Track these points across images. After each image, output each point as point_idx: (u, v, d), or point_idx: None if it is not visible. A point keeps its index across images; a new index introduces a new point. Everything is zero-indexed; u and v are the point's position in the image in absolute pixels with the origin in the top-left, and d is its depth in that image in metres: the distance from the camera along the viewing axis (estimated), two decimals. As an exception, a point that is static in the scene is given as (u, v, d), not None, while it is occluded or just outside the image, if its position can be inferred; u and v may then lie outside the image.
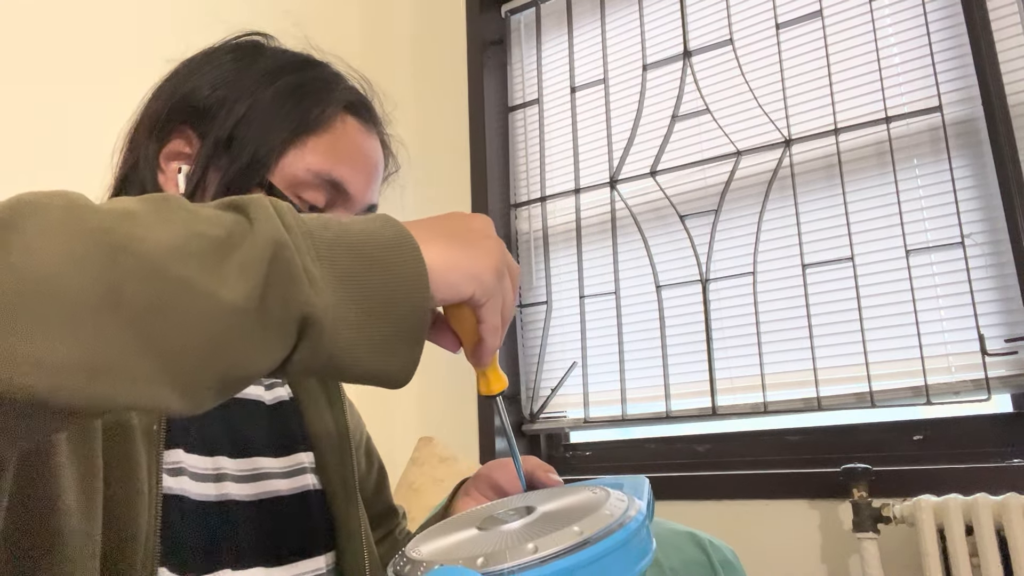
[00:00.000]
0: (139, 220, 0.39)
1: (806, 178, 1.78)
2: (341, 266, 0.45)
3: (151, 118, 0.71)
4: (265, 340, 0.41)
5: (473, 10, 2.31)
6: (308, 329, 0.43)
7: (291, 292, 0.42)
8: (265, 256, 0.41)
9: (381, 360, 0.47)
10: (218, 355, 0.40)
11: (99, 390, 0.36)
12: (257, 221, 0.42)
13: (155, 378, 0.38)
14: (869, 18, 1.74)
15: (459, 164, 2.24)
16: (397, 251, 0.47)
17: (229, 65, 0.71)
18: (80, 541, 0.53)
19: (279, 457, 0.73)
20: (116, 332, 0.36)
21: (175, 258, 0.39)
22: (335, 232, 0.46)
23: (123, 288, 0.37)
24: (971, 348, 1.53)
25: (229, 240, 0.41)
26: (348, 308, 0.44)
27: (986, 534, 1.33)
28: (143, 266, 0.38)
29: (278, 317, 0.41)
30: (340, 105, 0.71)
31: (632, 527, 0.47)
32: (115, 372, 0.36)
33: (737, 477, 1.70)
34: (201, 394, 0.40)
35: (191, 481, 0.64)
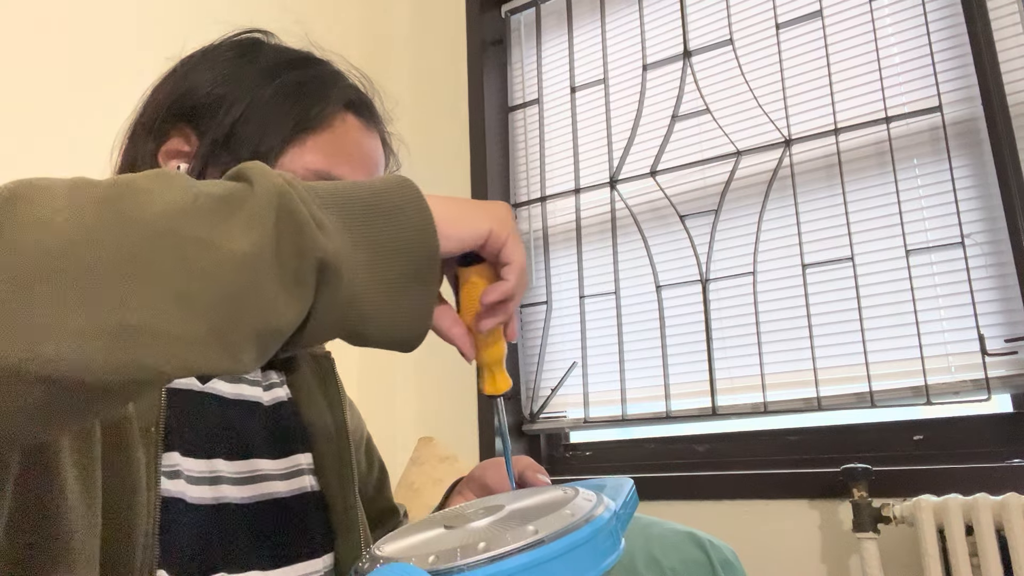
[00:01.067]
0: (142, 188, 0.40)
1: (806, 178, 1.78)
2: (347, 213, 0.45)
3: (150, 116, 0.70)
4: (286, 289, 0.41)
5: (473, 10, 2.31)
6: (326, 273, 0.43)
7: (302, 239, 0.42)
8: (271, 206, 0.42)
9: (395, 304, 0.47)
10: (246, 307, 0.40)
11: (136, 355, 0.36)
12: (257, 181, 0.43)
13: (192, 336, 0.38)
14: (869, 18, 1.74)
15: (459, 164, 2.24)
16: (398, 194, 0.48)
17: (228, 63, 0.70)
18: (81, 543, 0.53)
19: (277, 459, 0.73)
20: (144, 295, 0.37)
21: (182, 218, 0.39)
22: (335, 185, 0.47)
23: (140, 252, 0.37)
24: (971, 348, 1.53)
25: (232, 196, 0.42)
26: (360, 251, 0.45)
27: (986, 534, 1.33)
28: (152, 229, 0.38)
29: (294, 265, 0.42)
30: (340, 103, 0.71)
31: (590, 528, 0.46)
32: (151, 334, 0.36)
33: (737, 477, 1.70)
34: (240, 350, 0.40)
35: (187, 484, 0.64)
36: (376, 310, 0.46)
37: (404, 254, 0.47)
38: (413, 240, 0.47)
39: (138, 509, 0.57)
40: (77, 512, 0.52)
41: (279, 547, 0.68)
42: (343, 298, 0.44)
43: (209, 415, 0.68)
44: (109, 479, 0.56)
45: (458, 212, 0.51)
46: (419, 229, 0.47)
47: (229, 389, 0.72)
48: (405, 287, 0.47)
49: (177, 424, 0.64)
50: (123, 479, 0.56)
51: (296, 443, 0.75)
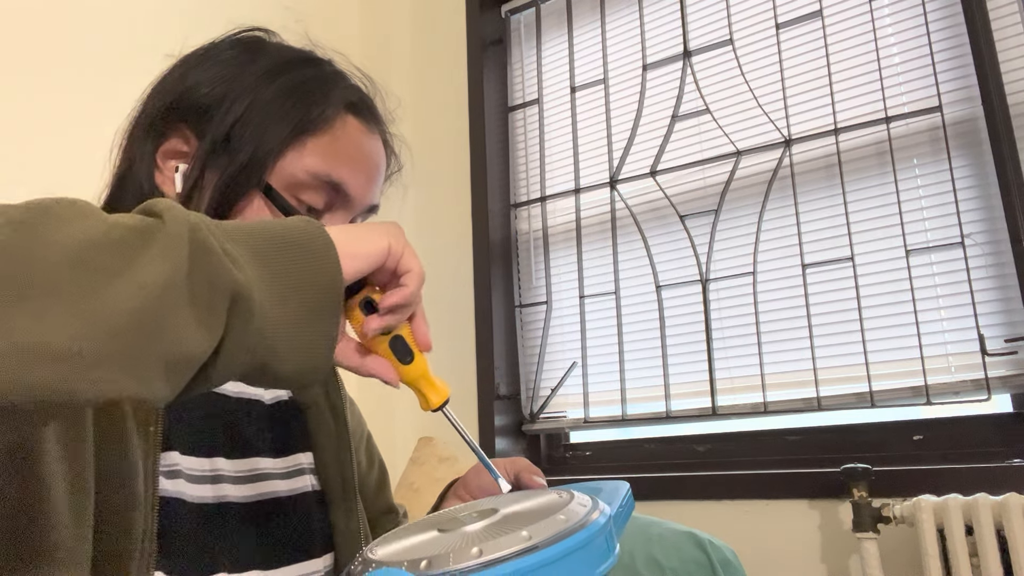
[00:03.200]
0: (58, 215, 0.40)
1: (806, 178, 1.77)
2: (256, 247, 0.47)
3: (148, 116, 0.70)
4: (198, 319, 0.42)
5: (473, 10, 2.30)
6: (237, 305, 0.44)
7: (215, 269, 0.43)
8: (183, 238, 0.43)
9: (301, 335, 0.48)
10: (155, 335, 0.40)
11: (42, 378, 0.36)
12: (167, 216, 0.44)
13: (99, 362, 0.38)
14: (869, 18, 1.74)
15: (459, 164, 2.24)
16: (304, 230, 0.49)
17: (228, 62, 0.70)
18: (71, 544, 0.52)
19: (278, 457, 0.73)
20: (54, 320, 0.37)
21: (96, 248, 0.40)
22: (242, 223, 0.48)
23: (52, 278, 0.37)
24: (971, 348, 1.53)
25: (146, 230, 0.42)
26: (270, 284, 0.46)
27: (986, 534, 1.33)
28: (68, 256, 0.38)
29: (206, 295, 0.42)
30: (341, 105, 0.70)
31: (584, 534, 0.45)
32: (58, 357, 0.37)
33: (737, 477, 1.70)
34: (150, 377, 0.40)
35: (187, 483, 0.63)
36: (285, 341, 0.47)
37: (311, 287, 0.48)
38: (319, 272, 0.48)
39: (135, 509, 0.56)
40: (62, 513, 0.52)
41: (279, 546, 0.68)
42: (254, 329, 0.45)
43: (210, 413, 0.68)
44: (104, 480, 0.55)
45: (357, 234, 0.53)
46: (324, 261, 0.49)
47: (231, 387, 0.72)
48: (312, 318, 0.48)
49: (177, 423, 0.64)
50: (119, 479, 0.56)
51: (297, 442, 0.75)
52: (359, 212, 0.72)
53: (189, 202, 0.66)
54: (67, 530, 0.52)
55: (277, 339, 0.46)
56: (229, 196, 0.65)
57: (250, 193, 0.66)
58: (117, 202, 0.69)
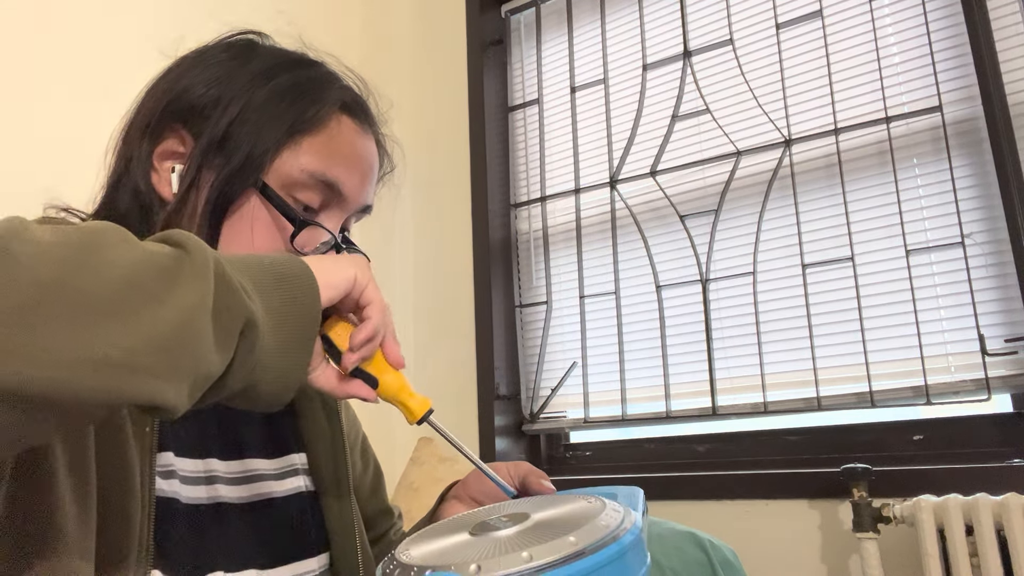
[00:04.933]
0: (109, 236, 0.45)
1: (806, 178, 1.77)
2: (257, 281, 0.51)
3: (144, 117, 0.70)
4: (217, 340, 0.47)
5: (473, 10, 2.31)
6: (248, 333, 0.49)
7: (233, 298, 0.48)
8: (208, 267, 0.47)
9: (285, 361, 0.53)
10: (189, 351, 0.44)
11: (116, 384, 0.41)
12: (189, 247, 0.48)
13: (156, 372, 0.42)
14: (869, 18, 1.74)
15: (459, 164, 2.24)
16: (290, 265, 0.54)
17: (223, 64, 0.70)
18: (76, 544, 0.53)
19: (272, 458, 0.73)
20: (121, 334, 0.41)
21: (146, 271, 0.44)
22: (238, 256, 0.53)
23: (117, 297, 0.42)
24: (971, 348, 1.53)
25: (178, 258, 0.47)
26: (269, 315, 0.51)
27: (986, 534, 1.33)
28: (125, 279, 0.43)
29: (226, 320, 0.47)
30: (335, 105, 0.71)
31: (628, 539, 0.46)
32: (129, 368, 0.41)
33: (737, 477, 1.70)
34: (184, 389, 0.45)
35: (182, 484, 0.64)
36: (272, 367, 0.52)
37: (296, 318, 0.53)
38: (303, 304, 0.54)
39: (133, 509, 0.57)
40: (70, 512, 0.53)
41: (275, 546, 0.69)
42: (255, 356, 0.50)
43: (203, 415, 0.69)
44: (104, 480, 0.56)
45: (329, 266, 0.57)
46: (308, 293, 0.54)
47: None
48: (296, 346, 0.53)
49: (171, 424, 0.65)
50: (118, 480, 0.56)
51: (290, 443, 0.76)
52: (353, 211, 0.72)
53: (185, 202, 0.66)
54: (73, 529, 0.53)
55: (267, 364, 0.51)
56: (225, 195, 0.65)
57: (246, 192, 0.66)
58: (113, 203, 0.69)
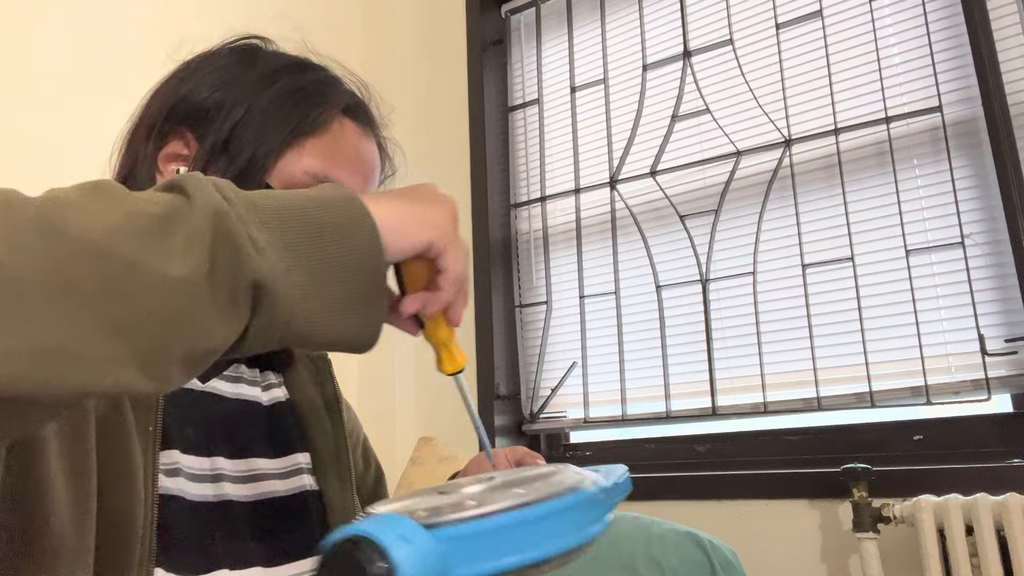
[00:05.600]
0: (76, 205, 0.39)
1: (806, 178, 1.78)
2: (288, 232, 0.45)
3: (149, 120, 0.71)
4: (219, 312, 0.41)
5: (473, 10, 2.31)
6: (261, 297, 0.43)
7: (238, 261, 0.42)
8: (207, 227, 0.41)
9: (340, 323, 0.47)
10: (176, 331, 0.40)
11: (60, 376, 0.36)
12: (195, 196, 0.42)
13: (117, 359, 0.37)
14: (869, 18, 1.74)
15: (459, 164, 2.24)
16: (344, 211, 0.47)
17: (227, 68, 0.71)
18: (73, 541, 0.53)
19: (276, 458, 0.74)
20: (70, 317, 0.36)
21: (116, 239, 0.38)
22: (279, 201, 0.46)
23: (70, 273, 0.37)
24: (971, 348, 1.53)
25: (169, 216, 0.41)
26: (299, 273, 0.44)
27: (986, 534, 1.33)
28: (86, 249, 0.37)
29: (229, 288, 0.41)
30: (338, 108, 0.71)
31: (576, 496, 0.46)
32: (75, 356, 0.36)
33: (737, 477, 1.70)
34: (166, 371, 0.40)
35: (188, 482, 0.64)
36: (319, 329, 0.46)
37: (350, 275, 0.46)
38: (359, 261, 0.47)
39: (135, 507, 0.57)
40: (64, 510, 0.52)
41: (279, 544, 0.69)
42: (281, 318, 0.44)
43: (209, 414, 0.69)
44: (105, 478, 0.56)
45: (399, 222, 0.50)
46: (365, 248, 0.47)
47: (229, 388, 0.72)
48: (352, 306, 0.47)
49: (176, 422, 0.65)
50: (120, 478, 0.57)
51: (294, 443, 0.76)
52: None
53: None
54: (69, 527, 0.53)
55: (309, 327, 0.45)
56: None
57: None
58: None
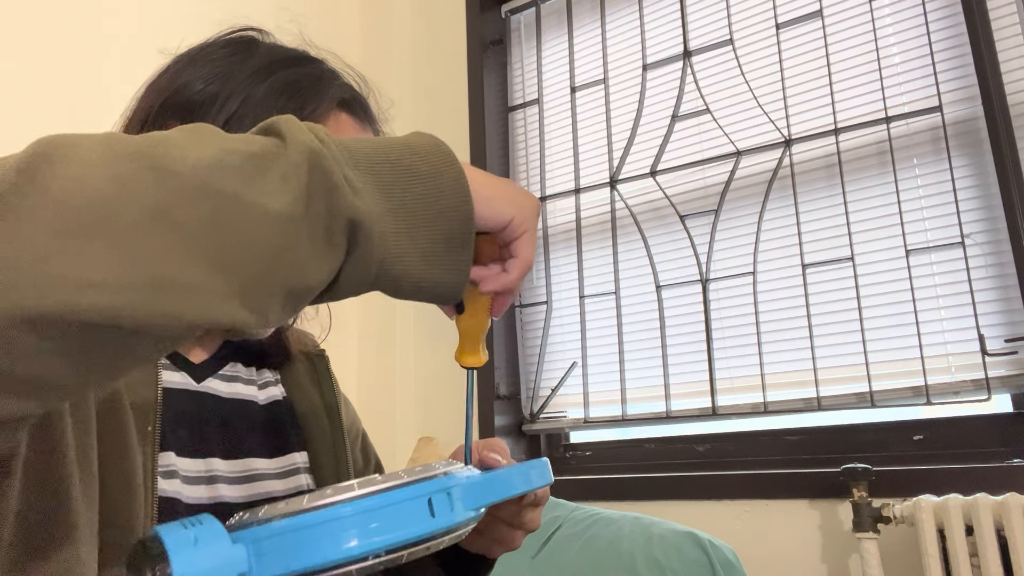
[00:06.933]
0: (175, 142, 0.40)
1: (806, 178, 1.77)
2: (382, 176, 0.46)
3: (143, 113, 0.70)
4: (316, 248, 0.42)
5: (473, 10, 2.31)
6: (356, 235, 0.44)
7: (334, 199, 0.42)
8: (303, 164, 0.42)
9: (431, 268, 0.47)
10: (276, 266, 0.40)
11: (167, 306, 0.37)
12: (290, 135, 0.43)
13: (220, 291, 0.38)
14: (869, 18, 1.74)
15: (459, 164, 2.24)
16: (436, 161, 0.48)
17: (222, 60, 0.70)
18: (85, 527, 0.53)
19: (273, 458, 0.73)
20: (174, 249, 0.37)
21: (216, 174, 0.39)
22: (371, 145, 0.47)
23: (173, 206, 0.38)
24: (971, 348, 1.53)
25: (265, 153, 0.42)
26: (393, 216, 0.45)
27: (986, 534, 1.33)
28: (187, 184, 0.38)
29: (325, 225, 0.42)
30: (334, 102, 0.70)
31: (422, 487, 0.47)
32: (180, 287, 0.37)
33: (737, 477, 1.70)
34: (267, 307, 0.41)
35: (183, 484, 0.64)
36: (410, 272, 0.46)
37: (440, 220, 0.47)
38: (449, 207, 0.47)
39: (135, 509, 0.57)
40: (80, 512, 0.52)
41: None
42: (375, 259, 0.45)
43: (205, 414, 0.69)
44: (106, 480, 0.56)
45: (488, 191, 0.51)
46: (455, 195, 0.48)
47: (225, 388, 0.72)
48: (441, 252, 0.47)
49: (172, 424, 0.64)
50: (120, 480, 0.56)
51: (291, 442, 0.75)
52: None
53: None
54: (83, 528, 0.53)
55: (401, 270, 0.46)
56: None
57: None
58: None
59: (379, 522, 0.45)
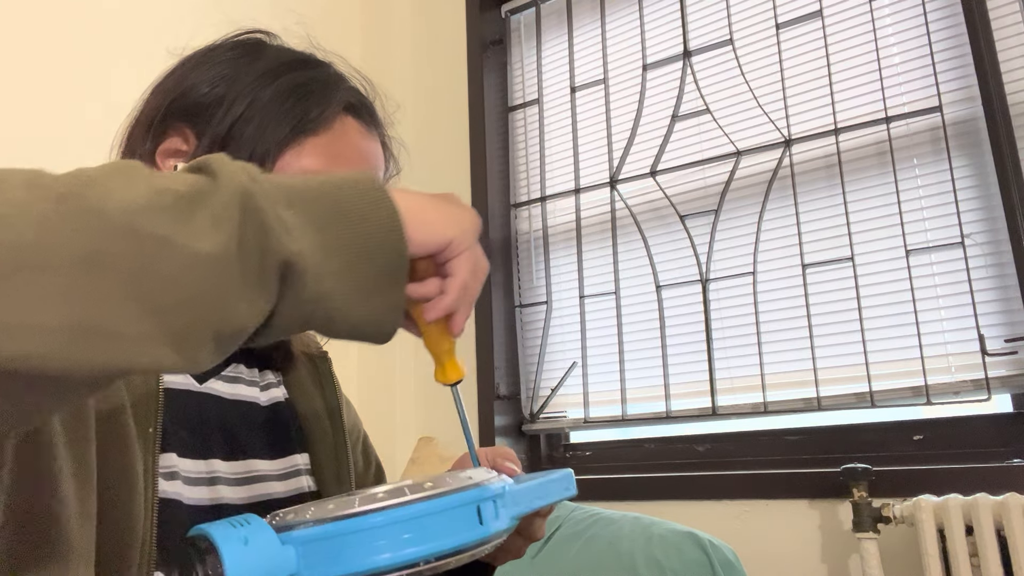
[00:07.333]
0: (103, 183, 0.39)
1: (806, 178, 1.77)
2: (315, 214, 0.45)
3: (149, 115, 0.70)
4: (248, 290, 0.41)
5: (473, 10, 2.31)
6: (289, 275, 0.43)
7: (267, 240, 0.41)
8: (235, 204, 0.41)
9: (364, 306, 0.47)
10: (206, 308, 0.39)
11: (91, 352, 0.36)
12: (222, 174, 0.42)
13: (149, 337, 0.37)
14: (869, 18, 1.74)
15: (459, 164, 2.24)
16: (368, 194, 0.47)
17: (229, 63, 0.70)
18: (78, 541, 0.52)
19: (274, 459, 0.73)
20: (99, 293, 0.36)
21: (145, 215, 0.38)
22: (305, 183, 0.46)
23: (99, 250, 0.36)
24: (971, 348, 1.53)
25: (195, 193, 0.41)
26: (326, 254, 0.44)
27: (986, 534, 1.33)
28: (115, 226, 0.37)
29: (257, 266, 0.41)
30: (340, 106, 0.70)
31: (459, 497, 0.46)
32: (105, 332, 0.36)
33: (737, 477, 1.70)
34: (197, 350, 0.40)
35: (184, 485, 0.64)
36: (344, 310, 0.46)
37: (374, 256, 0.46)
38: (383, 243, 0.47)
39: (135, 510, 0.56)
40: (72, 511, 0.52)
41: None
42: (308, 298, 0.44)
43: (206, 415, 0.68)
44: (106, 480, 0.55)
45: (424, 215, 0.50)
46: (388, 231, 0.47)
47: (226, 389, 0.72)
48: (374, 288, 0.47)
49: (174, 425, 0.64)
50: (120, 482, 0.56)
51: (293, 443, 0.75)
52: None
53: None
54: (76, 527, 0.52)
55: (334, 308, 0.45)
56: None
57: None
58: None
59: (431, 528, 0.45)
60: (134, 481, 0.57)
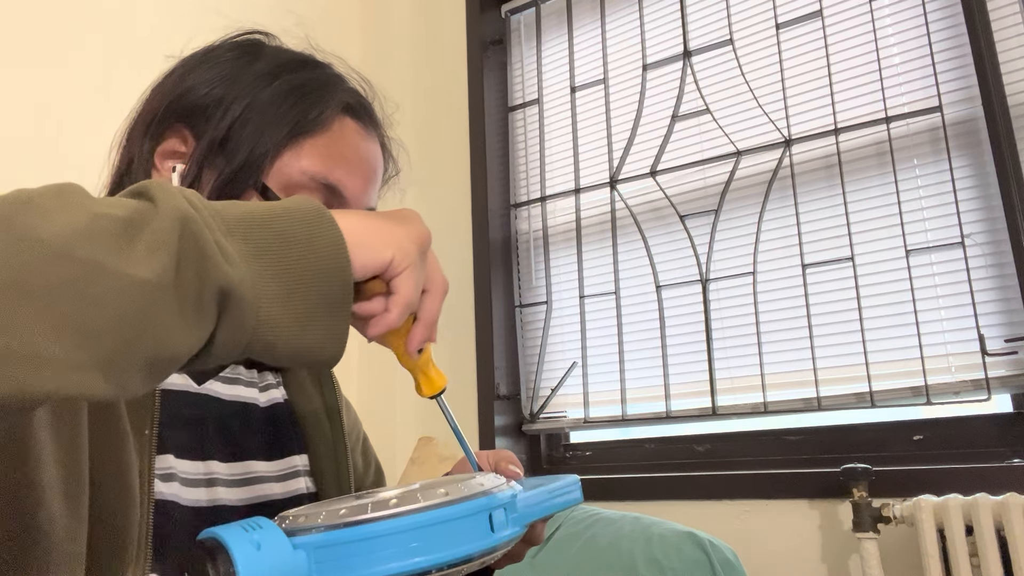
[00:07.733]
0: (39, 206, 0.38)
1: (806, 178, 1.77)
2: (256, 241, 0.45)
3: (147, 116, 0.70)
4: (184, 318, 0.41)
5: (473, 10, 2.31)
6: (227, 303, 0.43)
7: (205, 267, 0.41)
8: (174, 231, 0.41)
9: (306, 333, 0.46)
10: (140, 335, 0.39)
11: (20, 379, 0.35)
12: (161, 201, 0.42)
13: (78, 363, 0.37)
14: (869, 18, 1.74)
15: (459, 164, 2.24)
16: (311, 224, 0.47)
17: (227, 64, 0.70)
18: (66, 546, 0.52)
19: (273, 460, 0.73)
20: (30, 319, 0.35)
21: (80, 241, 0.38)
22: (246, 210, 0.46)
23: (30, 274, 0.36)
24: (971, 348, 1.53)
25: (134, 220, 0.40)
26: (267, 282, 0.44)
27: (986, 534, 1.33)
28: (48, 251, 0.37)
29: (195, 293, 0.41)
30: (339, 107, 0.70)
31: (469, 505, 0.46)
32: (35, 359, 0.35)
33: (737, 477, 1.70)
34: (127, 377, 0.39)
35: (182, 487, 0.63)
36: (285, 337, 0.45)
37: (316, 285, 0.46)
38: (326, 269, 0.46)
39: (131, 512, 0.56)
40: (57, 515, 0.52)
41: None
42: (247, 326, 0.44)
43: (204, 417, 0.68)
44: (99, 482, 0.55)
45: (364, 237, 0.50)
46: (333, 258, 0.47)
47: (225, 390, 0.72)
48: (316, 316, 0.46)
49: (171, 426, 0.64)
50: (115, 482, 0.56)
51: (292, 445, 0.75)
52: None
53: None
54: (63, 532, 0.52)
55: (275, 336, 0.45)
56: (225, 196, 0.65)
57: (247, 193, 0.66)
58: None
59: (444, 536, 0.45)
60: (130, 483, 0.57)
